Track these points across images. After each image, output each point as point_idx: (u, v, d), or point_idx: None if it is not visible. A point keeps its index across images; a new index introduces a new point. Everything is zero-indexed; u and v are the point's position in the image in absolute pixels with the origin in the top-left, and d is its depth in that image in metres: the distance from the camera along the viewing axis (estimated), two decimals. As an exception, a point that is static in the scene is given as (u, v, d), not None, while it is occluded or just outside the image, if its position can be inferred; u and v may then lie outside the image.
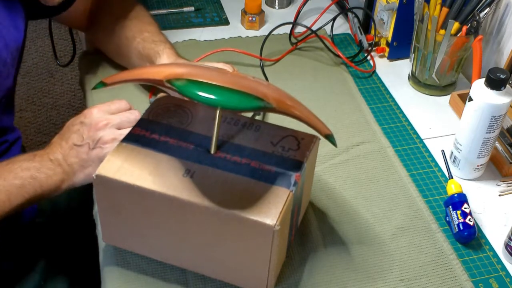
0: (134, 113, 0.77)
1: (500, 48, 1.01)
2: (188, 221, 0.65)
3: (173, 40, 1.11)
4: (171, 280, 0.71)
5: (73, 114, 0.79)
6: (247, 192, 0.64)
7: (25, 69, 2.25)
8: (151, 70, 0.67)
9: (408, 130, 0.96)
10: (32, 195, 0.73)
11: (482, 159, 0.85)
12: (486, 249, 0.78)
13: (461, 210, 0.78)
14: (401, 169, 0.88)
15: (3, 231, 0.87)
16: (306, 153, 0.69)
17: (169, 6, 1.23)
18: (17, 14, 0.84)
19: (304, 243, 0.76)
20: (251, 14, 1.16)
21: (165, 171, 0.66)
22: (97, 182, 0.66)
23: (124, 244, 0.73)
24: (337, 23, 1.16)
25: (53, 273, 0.93)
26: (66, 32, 2.27)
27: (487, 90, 0.79)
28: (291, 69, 1.08)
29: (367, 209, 0.82)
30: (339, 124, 0.96)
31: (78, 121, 0.76)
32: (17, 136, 0.95)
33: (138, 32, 0.94)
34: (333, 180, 0.86)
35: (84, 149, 0.74)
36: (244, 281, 0.69)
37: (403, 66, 1.11)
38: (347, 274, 0.73)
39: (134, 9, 0.98)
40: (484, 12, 0.95)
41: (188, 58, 0.99)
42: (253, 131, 0.72)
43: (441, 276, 0.74)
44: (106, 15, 0.98)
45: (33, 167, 0.73)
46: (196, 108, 0.74)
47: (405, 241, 0.78)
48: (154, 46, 0.91)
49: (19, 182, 0.72)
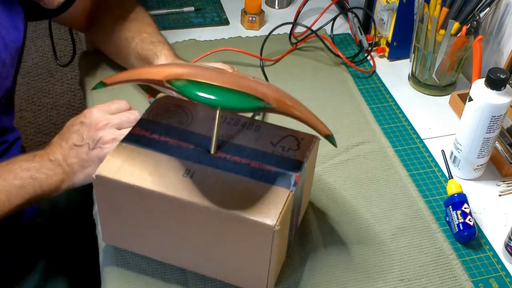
0: (134, 113, 0.77)
1: (500, 48, 1.01)
2: (188, 221, 0.65)
3: (173, 40, 1.11)
4: (171, 280, 0.71)
5: (73, 114, 0.79)
6: (247, 192, 0.64)
7: (25, 69, 2.25)
8: (151, 70, 0.67)
9: (408, 130, 0.96)
10: (32, 195, 0.73)
11: (482, 159, 0.85)
12: (486, 249, 0.78)
13: (461, 210, 0.78)
14: (401, 169, 0.88)
15: (3, 231, 0.87)
16: (306, 153, 0.69)
17: (169, 6, 1.23)
18: (17, 14, 0.84)
19: (304, 243, 0.76)
20: (251, 14, 1.16)
21: (165, 171, 0.66)
22: (97, 182, 0.66)
23: (124, 244, 0.73)
24: (337, 23, 1.16)
25: (53, 273, 0.93)
26: (66, 32, 2.27)
27: (487, 90, 0.79)
28: (291, 69, 1.08)
29: (367, 209, 0.82)
30: (339, 124, 0.96)
31: (78, 121, 0.76)
32: (17, 137, 0.95)
33: (137, 33, 0.94)
34: (333, 180, 0.86)
35: (84, 149, 0.74)
36: (244, 281, 0.69)
37: (403, 66, 1.11)
38: (347, 274, 0.73)
39: (134, 10, 0.98)
40: (484, 12, 0.95)
41: (188, 58, 0.99)
42: (253, 131, 0.72)
43: (441, 276, 0.74)
44: (106, 16, 0.98)
45: (33, 167, 0.73)
46: (196, 108, 0.74)
47: (405, 241, 0.78)
48: (153, 47, 0.91)
49: (19, 183, 0.72)
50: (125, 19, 0.96)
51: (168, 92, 0.81)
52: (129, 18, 0.96)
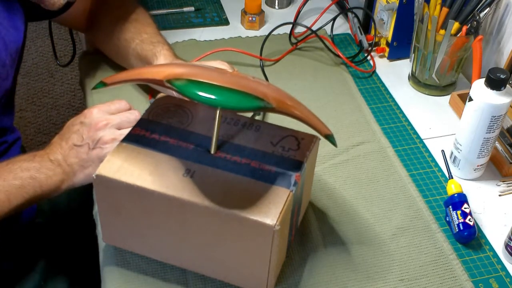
0: (134, 113, 0.77)
1: (500, 48, 1.01)
2: (188, 221, 0.65)
3: (173, 40, 1.11)
4: (171, 280, 0.71)
5: (73, 114, 0.79)
6: (247, 192, 0.64)
7: (25, 69, 2.25)
8: (151, 70, 0.67)
9: (408, 130, 0.96)
10: (32, 195, 0.73)
11: (482, 159, 0.85)
12: (486, 249, 0.78)
13: (461, 210, 0.78)
14: (401, 169, 0.88)
15: (3, 231, 0.87)
16: (306, 153, 0.69)
17: (169, 6, 1.23)
18: (17, 15, 0.84)
19: (304, 243, 0.76)
20: (251, 14, 1.16)
21: (165, 171, 0.66)
22: (97, 182, 0.66)
23: (124, 244, 0.73)
24: (337, 23, 1.16)
25: (53, 273, 0.93)
26: (66, 32, 2.27)
27: (487, 90, 0.79)
28: (291, 69, 1.08)
29: (367, 209, 0.82)
30: (339, 124, 0.96)
31: (78, 121, 0.76)
32: (17, 137, 0.95)
33: (137, 33, 0.94)
34: (333, 180, 0.86)
35: (84, 149, 0.74)
36: (244, 281, 0.69)
37: (403, 66, 1.11)
38: (347, 274, 0.73)
39: (134, 11, 0.98)
40: (484, 12, 0.95)
41: (188, 58, 0.99)
42: (253, 131, 0.72)
43: (441, 276, 0.74)
44: (106, 16, 0.98)
45: (33, 168, 0.73)
46: (196, 108, 0.74)
47: (405, 241, 0.78)
48: (152, 47, 0.91)
49: (18, 183, 0.72)
50: (125, 20, 0.96)
51: (168, 92, 0.81)
52: (130, 19, 0.96)
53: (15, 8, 0.83)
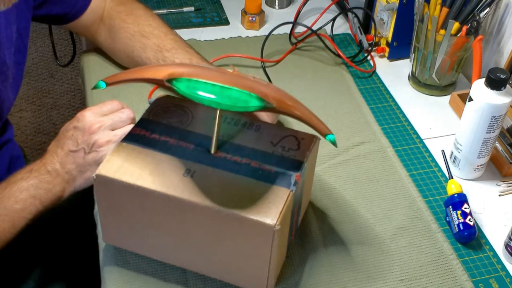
0: (125, 112, 0.76)
1: (500, 48, 1.01)
2: (188, 220, 0.65)
3: (173, 40, 1.11)
4: (171, 280, 0.71)
5: (73, 114, 0.79)
6: (247, 192, 0.64)
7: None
8: (151, 70, 0.67)
9: (408, 130, 0.96)
10: (34, 214, 0.74)
11: (482, 159, 0.85)
12: (486, 249, 0.78)
13: (461, 210, 0.78)
14: (401, 169, 0.88)
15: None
16: (306, 153, 0.69)
17: (169, 6, 1.23)
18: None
19: (304, 243, 0.76)
20: (251, 14, 1.16)
21: (165, 171, 0.66)
22: (97, 182, 0.66)
23: (124, 244, 0.73)
24: (337, 23, 1.16)
25: (53, 273, 0.93)
26: (66, 32, 2.27)
27: (487, 90, 0.79)
28: (291, 69, 1.08)
29: (367, 209, 0.82)
30: (339, 124, 0.96)
31: (72, 126, 0.75)
32: (6, 139, 0.94)
33: (158, 52, 0.92)
34: (333, 180, 0.86)
35: (80, 154, 0.74)
36: (244, 281, 0.69)
37: (403, 66, 1.11)
38: (347, 274, 0.73)
39: (149, 23, 0.96)
40: (484, 12, 0.95)
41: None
42: (253, 131, 0.72)
43: (441, 276, 0.74)
44: (120, 34, 0.96)
45: (31, 186, 0.73)
46: (196, 108, 0.74)
47: (405, 241, 0.78)
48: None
49: (20, 206, 0.72)
50: (141, 36, 0.94)
51: (170, 91, 0.81)
52: (146, 35, 0.94)
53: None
